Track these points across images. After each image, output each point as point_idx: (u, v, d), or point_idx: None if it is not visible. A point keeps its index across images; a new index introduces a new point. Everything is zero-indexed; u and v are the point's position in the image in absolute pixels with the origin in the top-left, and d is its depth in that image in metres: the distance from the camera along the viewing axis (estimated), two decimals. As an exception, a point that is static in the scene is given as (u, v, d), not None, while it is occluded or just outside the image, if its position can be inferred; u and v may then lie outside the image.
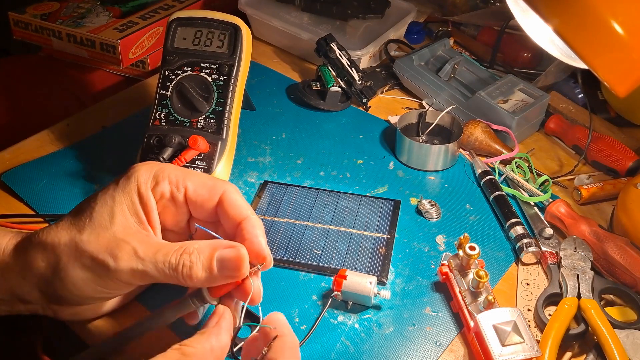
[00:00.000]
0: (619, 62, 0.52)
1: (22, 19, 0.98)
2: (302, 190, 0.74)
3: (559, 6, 0.52)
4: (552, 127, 0.85)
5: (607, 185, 0.75)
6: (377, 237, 0.68)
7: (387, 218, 0.70)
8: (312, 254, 0.65)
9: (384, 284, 0.63)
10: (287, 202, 0.72)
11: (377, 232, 0.68)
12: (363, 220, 0.70)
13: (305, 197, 0.73)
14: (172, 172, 0.52)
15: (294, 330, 0.58)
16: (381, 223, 0.70)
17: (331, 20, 1.04)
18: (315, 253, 0.66)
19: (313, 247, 0.66)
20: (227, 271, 0.47)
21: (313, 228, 0.69)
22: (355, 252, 0.66)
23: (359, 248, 0.66)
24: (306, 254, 0.66)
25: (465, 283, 0.60)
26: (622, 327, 0.58)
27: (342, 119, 0.88)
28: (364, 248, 0.66)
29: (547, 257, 0.65)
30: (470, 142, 0.80)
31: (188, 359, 0.44)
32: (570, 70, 0.90)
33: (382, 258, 0.65)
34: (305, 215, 0.70)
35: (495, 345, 0.53)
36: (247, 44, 0.74)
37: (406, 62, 0.92)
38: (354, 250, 0.66)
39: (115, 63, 0.94)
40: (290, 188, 0.74)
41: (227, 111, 0.71)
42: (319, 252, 0.66)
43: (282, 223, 0.69)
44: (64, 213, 0.67)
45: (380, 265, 0.64)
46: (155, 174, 0.51)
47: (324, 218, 0.70)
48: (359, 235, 0.68)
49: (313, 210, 0.71)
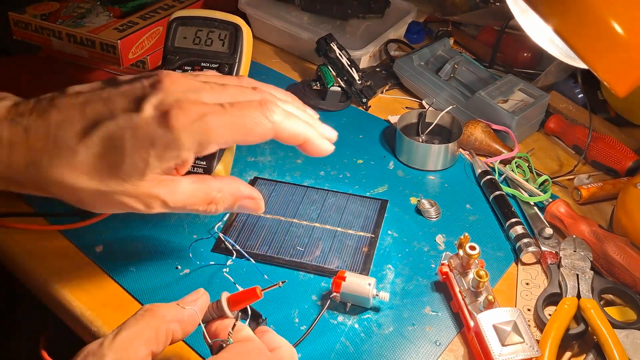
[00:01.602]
0: (619, 62, 0.52)
1: (22, 19, 0.98)
2: (291, 188, 0.75)
3: (558, 6, 0.52)
4: (552, 127, 0.85)
5: (607, 185, 0.75)
6: (360, 235, 0.68)
7: (372, 217, 0.70)
8: (294, 251, 0.66)
9: None
10: (275, 198, 0.73)
11: (361, 230, 0.69)
12: (349, 218, 0.70)
13: (292, 194, 0.73)
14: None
15: (294, 330, 0.58)
16: (366, 222, 0.70)
17: (331, 20, 1.04)
18: (298, 250, 0.66)
19: (296, 243, 0.67)
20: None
21: (298, 225, 0.69)
22: (338, 250, 0.66)
23: (342, 246, 0.67)
24: (289, 250, 0.66)
25: (465, 283, 0.60)
26: (621, 327, 0.58)
27: (342, 118, 0.88)
28: (346, 246, 0.67)
29: (546, 257, 0.65)
30: (470, 142, 0.80)
31: (154, 319, 0.44)
32: (570, 70, 0.90)
33: (364, 256, 0.65)
34: (292, 212, 0.71)
35: (495, 345, 0.53)
36: (247, 43, 0.74)
37: (406, 62, 0.92)
38: (337, 248, 0.66)
39: (115, 63, 0.94)
40: (279, 185, 0.75)
41: (227, 111, 0.71)
42: (301, 249, 0.66)
43: (267, 219, 0.70)
44: (64, 211, 0.67)
45: (362, 263, 0.65)
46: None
47: (309, 215, 0.71)
48: (342, 234, 0.68)
49: (300, 207, 0.72)
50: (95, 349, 0.41)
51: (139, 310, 0.45)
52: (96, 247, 0.66)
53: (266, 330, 0.50)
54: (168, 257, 0.65)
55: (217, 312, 0.49)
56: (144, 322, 0.44)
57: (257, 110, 0.50)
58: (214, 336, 0.48)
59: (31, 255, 0.66)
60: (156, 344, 0.43)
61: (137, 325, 0.43)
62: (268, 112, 0.50)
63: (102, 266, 0.64)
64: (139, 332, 0.43)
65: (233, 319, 0.48)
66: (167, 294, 0.62)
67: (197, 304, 0.47)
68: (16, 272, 0.67)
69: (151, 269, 0.64)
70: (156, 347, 0.43)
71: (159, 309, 0.45)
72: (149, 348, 0.43)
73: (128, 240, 0.67)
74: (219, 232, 0.67)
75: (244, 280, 0.62)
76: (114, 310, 0.60)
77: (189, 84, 0.50)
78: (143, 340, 0.43)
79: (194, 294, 0.48)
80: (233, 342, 0.46)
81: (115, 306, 0.61)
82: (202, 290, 0.49)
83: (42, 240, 0.67)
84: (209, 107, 0.48)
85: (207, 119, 0.48)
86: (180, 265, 0.64)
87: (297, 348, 0.56)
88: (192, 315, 0.46)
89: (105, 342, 0.42)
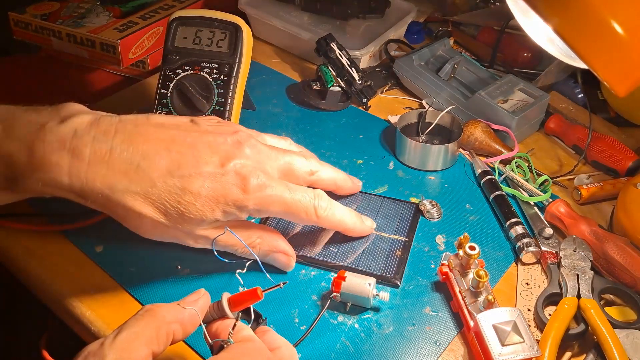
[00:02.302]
0: (619, 62, 0.52)
1: (22, 19, 0.98)
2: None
3: (558, 6, 0.52)
4: (552, 127, 0.85)
5: (607, 185, 0.75)
6: (394, 239, 0.68)
7: (407, 221, 0.70)
8: (328, 252, 0.66)
9: (397, 286, 0.63)
10: None
11: (395, 234, 0.68)
12: (382, 221, 0.70)
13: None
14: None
15: (294, 330, 0.58)
16: (400, 225, 0.69)
17: (331, 20, 1.04)
18: (332, 250, 0.66)
19: (330, 244, 0.67)
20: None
21: None
22: (372, 253, 0.66)
23: (376, 249, 0.66)
24: (322, 251, 0.66)
25: (465, 283, 0.60)
26: (621, 327, 0.58)
27: (342, 118, 0.88)
28: (380, 249, 0.66)
29: (546, 257, 0.65)
30: (470, 142, 0.80)
31: (155, 319, 0.44)
32: (570, 70, 0.90)
33: (397, 260, 0.65)
34: None
35: (495, 345, 0.53)
36: (247, 43, 0.74)
37: (406, 62, 0.92)
38: (370, 250, 0.66)
39: (115, 63, 0.94)
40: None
41: (228, 111, 0.71)
42: (335, 250, 0.66)
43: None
44: (66, 212, 0.67)
45: (395, 267, 0.64)
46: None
47: None
48: (376, 236, 0.68)
49: None
50: (96, 349, 0.41)
51: (140, 311, 0.45)
52: (96, 247, 0.66)
53: (266, 330, 0.50)
54: (168, 257, 0.65)
55: (217, 312, 0.49)
56: (144, 322, 0.44)
57: (310, 205, 0.59)
58: (215, 336, 0.48)
59: (31, 255, 0.66)
60: (157, 344, 0.43)
61: (138, 326, 0.43)
62: (318, 208, 0.60)
63: (102, 266, 0.64)
64: (140, 332, 0.43)
65: (234, 319, 0.48)
66: (167, 294, 0.62)
67: (198, 304, 0.47)
68: (16, 272, 0.67)
69: (151, 269, 0.64)
70: (157, 348, 0.43)
71: (160, 309, 0.45)
72: (149, 348, 0.43)
73: (128, 240, 0.67)
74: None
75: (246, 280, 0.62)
76: (114, 310, 0.60)
77: (264, 152, 0.58)
78: (144, 341, 0.43)
79: (195, 294, 0.48)
80: (233, 343, 0.46)
81: (115, 306, 0.61)
82: (203, 291, 0.49)
83: (42, 240, 0.67)
84: (276, 183, 0.57)
85: (272, 194, 0.57)
86: (181, 265, 0.64)
87: (297, 348, 0.56)
88: (192, 316, 0.46)
89: (106, 342, 0.42)
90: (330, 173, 0.67)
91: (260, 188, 0.56)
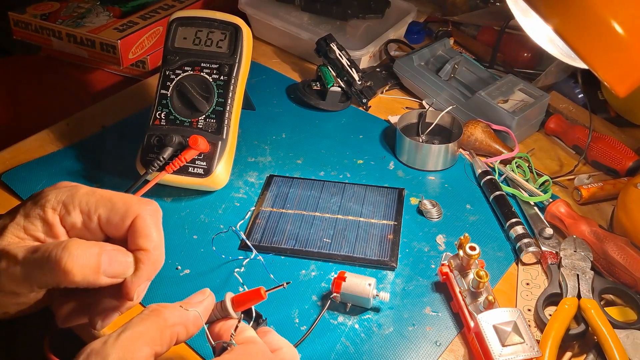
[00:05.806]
0: (619, 62, 0.52)
1: (22, 19, 0.98)
2: (308, 182, 0.75)
3: (559, 6, 0.52)
4: (552, 127, 0.85)
5: (607, 185, 0.75)
6: (384, 224, 0.69)
7: (392, 206, 0.72)
8: (322, 243, 0.66)
9: (393, 268, 0.64)
10: (294, 194, 0.73)
11: (384, 219, 0.70)
12: (369, 208, 0.71)
13: (311, 189, 0.74)
14: (82, 200, 0.49)
15: (294, 331, 0.58)
16: (387, 211, 0.71)
17: (331, 20, 1.04)
18: (325, 242, 0.67)
19: (322, 236, 0.67)
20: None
21: (321, 218, 0.70)
22: (364, 240, 0.67)
23: (368, 235, 0.68)
24: (316, 243, 0.67)
25: (466, 283, 0.60)
26: (622, 327, 0.58)
27: (342, 119, 0.88)
28: (372, 235, 0.68)
29: (547, 257, 0.65)
30: (470, 142, 0.80)
31: (159, 319, 0.44)
32: (570, 70, 0.90)
33: (390, 244, 0.66)
34: (313, 206, 0.72)
35: (496, 346, 0.53)
36: (247, 44, 0.74)
37: (406, 62, 0.92)
38: (363, 237, 0.67)
39: (115, 63, 0.94)
40: (296, 181, 0.76)
41: (228, 111, 0.71)
42: (328, 240, 0.67)
43: (290, 214, 0.70)
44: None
45: (390, 250, 0.66)
46: (65, 201, 0.49)
47: (331, 208, 0.71)
48: (366, 223, 0.69)
49: (320, 201, 0.73)
50: (99, 348, 0.41)
51: (144, 310, 0.44)
52: (96, 248, 0.66)
53: (268, 331, 0.49)
54: (168, 257, 0.65)
55: (221, 312, 0.49)
56: (148, 322, 0.43)
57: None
58: (217, 337, 0.48)
59: (31, 256, 0.66)
60: (160, 345, 0.43)
61: (142, 325, 0.43)
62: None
63: (102, 266, 0.64)
64: (143, 332, 0.43)
65: (237, 319, 0.48)
66: (167, 293, 0.62)
67: (203, 305, 0.47)
68: (16, 273, 0.66)
69: (151, 269, 0.64)
70: (160, 348, 0.43)
71: (164, 309, 0.45)
72: (152, 348, 0.43)
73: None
74: (241, 231, 0.68)
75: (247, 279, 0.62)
76: (114, 310, 0.60)
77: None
78: (147, 340, 0.42)
79: (199, 295, 0.48)
80: (236, 344, 0.46)
81: (115, 306, 0.60)
82: (207, 291, 0.49)
83: (42, 240, 0.67)
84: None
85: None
86: (181, 265, 0.64)
87: (298, 348, 0.56)
88: (196, 318, 0.46)
89: (109, 341, 0.41)
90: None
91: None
